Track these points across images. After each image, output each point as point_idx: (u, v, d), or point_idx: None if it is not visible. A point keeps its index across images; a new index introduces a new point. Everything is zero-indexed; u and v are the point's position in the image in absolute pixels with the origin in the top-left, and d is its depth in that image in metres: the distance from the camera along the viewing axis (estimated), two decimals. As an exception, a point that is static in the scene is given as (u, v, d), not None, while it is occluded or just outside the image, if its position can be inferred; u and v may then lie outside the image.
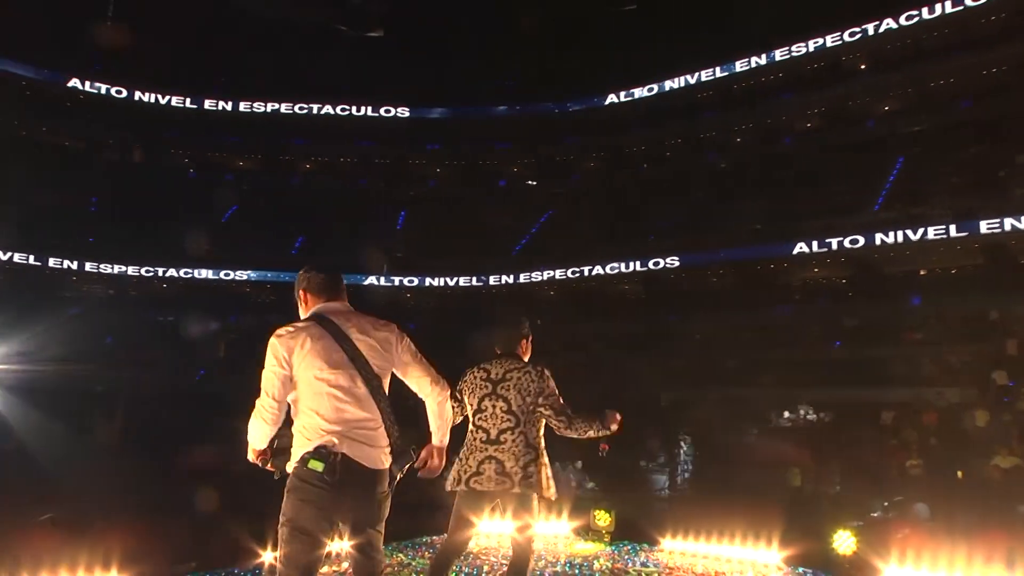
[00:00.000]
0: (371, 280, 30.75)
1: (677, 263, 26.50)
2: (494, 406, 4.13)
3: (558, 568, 6.38)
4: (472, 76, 34.79)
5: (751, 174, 27.51)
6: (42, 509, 7.05)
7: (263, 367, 3.00)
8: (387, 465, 3.02)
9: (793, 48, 27.66)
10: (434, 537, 7.19)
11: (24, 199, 25.79)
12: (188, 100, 33.66)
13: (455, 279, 31.02)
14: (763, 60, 28.36)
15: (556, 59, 32.87)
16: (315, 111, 34.43)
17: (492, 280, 30.55)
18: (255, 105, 34.02)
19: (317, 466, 2.89)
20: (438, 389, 3.19)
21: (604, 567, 6.46)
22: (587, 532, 7.71)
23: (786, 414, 17.81)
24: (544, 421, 4.17)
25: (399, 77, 34.88)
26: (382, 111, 34.57)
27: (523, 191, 34.31)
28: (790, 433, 16.99)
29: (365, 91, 34.47)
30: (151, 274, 30.11)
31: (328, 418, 2.95)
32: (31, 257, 27.80)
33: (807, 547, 6.23)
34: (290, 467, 3.01)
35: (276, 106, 34.13)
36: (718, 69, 29.28)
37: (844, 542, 5.84)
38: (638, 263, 27.34)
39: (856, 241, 23.21)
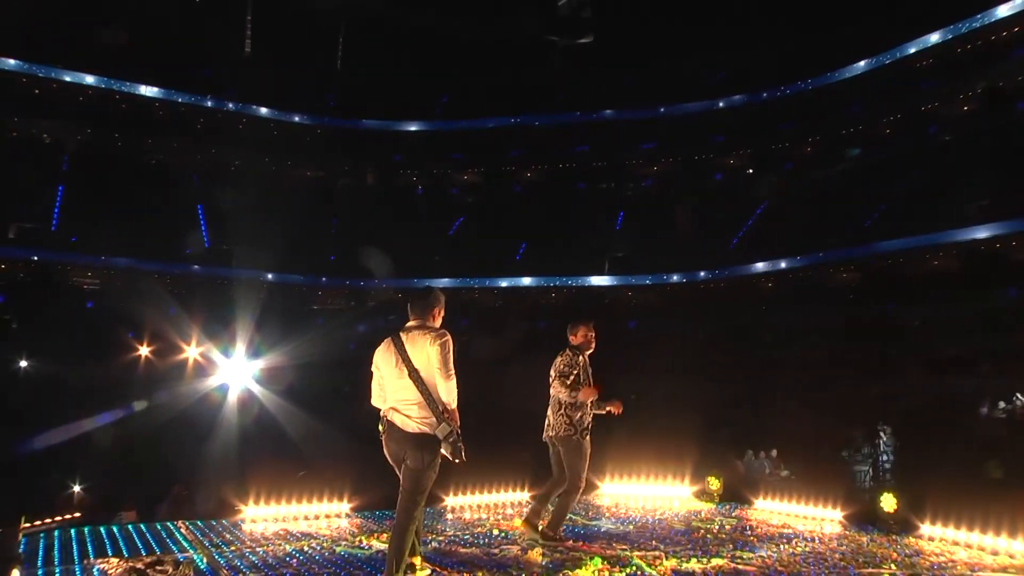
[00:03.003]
0: (592, 280, 32.15)
1: (895, 248, 25.11)
2: (551, 379, 6.03)
3: (664, 515, 7.70)
4: (679, 73, 34.97)
5: (977, 146, 25.13)
6: (299, 469, 9.86)
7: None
8: (422, 430, 4.32)
9: (1033, -4, 24.42)
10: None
11: (276, 227, 28.43)
12: (413, 124, 36.92)
13: (671, 276, 31.21)
14: (992, 16, 25.37)
15: (762, 45, 32.14)
16: (531, 122, 36.18)
17: (709, 275, 30.50)
18: (475, 122, 36.40)
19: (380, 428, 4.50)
20: (441, 378, 4.44)
21: (700, 516, 7.68)
22: (702, 494, 8.82)
23: (1001, 404, 16.65)
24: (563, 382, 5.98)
25: (608, 80, 35.96)
26: (595, 116, 35.61)
27: (738, 183, 33.84)
28: (1003, 425, 15.98)
29: (578, 97, 35.73)
30: (386, 287, 32.52)
31: (386, 398, 4.52)
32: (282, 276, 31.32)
33: (861, 507, 6.87)
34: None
35: (494, 121, 36.28)
36: (938, 33, 26.90)
37: (888, 502, 6.49)
38: (854, 250, 26.21)
39: (1099, 214, 20.44)
